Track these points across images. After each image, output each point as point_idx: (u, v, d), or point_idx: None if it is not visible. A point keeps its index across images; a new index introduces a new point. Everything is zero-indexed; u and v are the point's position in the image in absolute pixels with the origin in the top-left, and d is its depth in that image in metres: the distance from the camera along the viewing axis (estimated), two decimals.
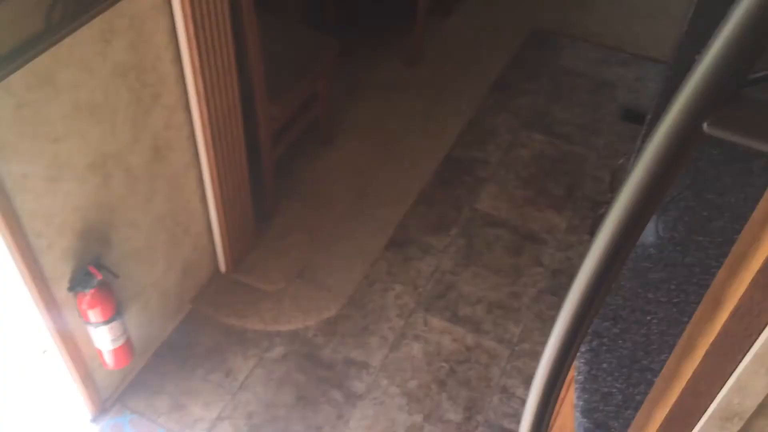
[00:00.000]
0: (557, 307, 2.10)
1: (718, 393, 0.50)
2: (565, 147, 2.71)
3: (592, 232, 1.81)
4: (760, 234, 0.45)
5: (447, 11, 3.28)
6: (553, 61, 3.09)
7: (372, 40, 3.14)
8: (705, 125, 0.43)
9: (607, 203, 1.62)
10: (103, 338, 1.73)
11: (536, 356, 2.07)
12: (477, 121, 2.81)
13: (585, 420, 1.00)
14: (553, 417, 1.20)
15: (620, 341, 1.10)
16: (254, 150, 2.19)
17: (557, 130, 2.78)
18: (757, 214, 0.46)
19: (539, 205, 2.51)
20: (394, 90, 2.92)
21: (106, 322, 1.71)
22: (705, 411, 0.52)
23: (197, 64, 1.72)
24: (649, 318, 1.12)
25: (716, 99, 0.42)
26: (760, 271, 0.44)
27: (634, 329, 1.11)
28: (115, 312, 1.73)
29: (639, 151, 0.48)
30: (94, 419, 1.93)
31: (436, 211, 2.48)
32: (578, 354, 1.10)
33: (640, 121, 2.82)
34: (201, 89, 1.77)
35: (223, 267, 2.24)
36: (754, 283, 0.45)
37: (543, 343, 0.61)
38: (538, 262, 2.33)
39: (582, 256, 1.82)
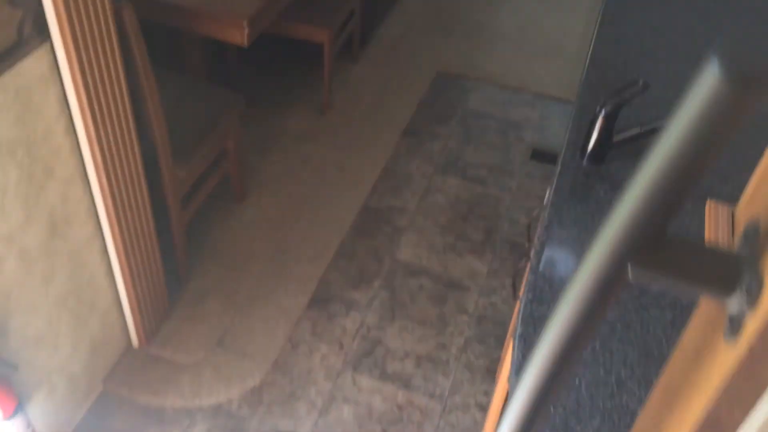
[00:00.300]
0: (485, 355, 2.08)
1: None
2: (480, 190, 2.74)
3: (514, 284, 1.81)
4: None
5: (354, 58, 3.29)
6: (460, 103, 3.14)
7: (280, 91, 3.10)
8: (629, 269, 0.41)
9: (527, 257, 1.60)
10: None
11: (468, 409, 2.05)
12: (391, 168, 2.81)
13: None
14: None
15: (552, 409, 1.08)
16: (163, 214, 2.09)
17: (470, 173, 2.81)
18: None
19: (459, 251, 2.51)
20: (306, 140, 2.88)
21: (8, 419, 1.57)
22: None
23: (92, 133, 1.62)
24: (577, 382, 1.11)
25: (640, 241, 0.40)
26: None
27: (564, 395, 1.09)
28: (17, 406, 1.58)
29: (547, 205, 0.45)
30: None
31: (357, 263, 2.44)
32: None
33: (549, 159, 2.90)
34: (99, 159, 1.67)
35: (135, 342, 2.10)
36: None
37: (474, 395, 0.57)
38: (462, 309, 2.31)
39: (505, 302, 1.81)
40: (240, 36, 2.16)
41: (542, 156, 2.90)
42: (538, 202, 2.69)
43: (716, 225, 0.74)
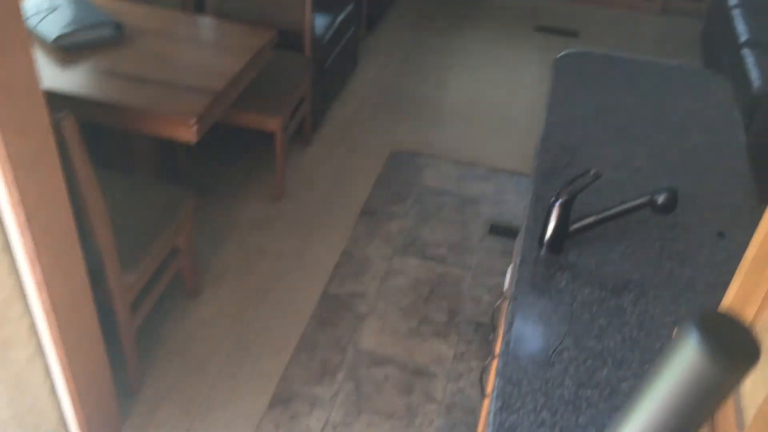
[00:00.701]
0: None
1: None
2: (440, 269, 2.70)
3: (481, 379, 1.75)
4: None
5: (306, 142, 3.27)
6: (416, 181, 3.14)
7: (233, 180, 3.05)
8: None
9: (492, 354, 1.55)
10: None
11: None
12: (350, 252, 2.76)
13: None
14: None
15: None
16: (111, 323, 1.99)
17: (430, 252, 2.78)
18: None
19: (423, 335, 2.45)
20: (261, 229, 2.82)
21: None
22: None
23: (32, 250, 1.54)
24: None
25: None
26: None
27: None
28: None
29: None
30: None
31: (319, 356, 2.35)
32: None
33: (508, 234, 2.89)
34: (39, 275, 1.58)
35: None
36: None
37: None
38: (430, 398, 2.24)
39: (473, 386, 1.73)
40: (188, 133, 2.12)
41: (501, 230, 2.90)
42: (500, 279, 2.66)
43: None
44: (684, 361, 0.32)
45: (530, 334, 1.34)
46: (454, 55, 4.14)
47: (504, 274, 2.69)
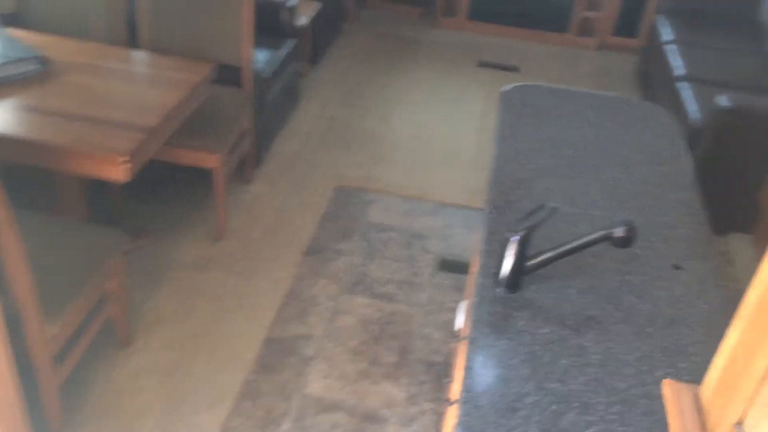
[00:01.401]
0: None
1: None
2: (389, 307, 2.61)
3: (438, 428, 1.65)
4: None
5: (248, 178, 3.16)
6: (362, 217, 3.05)
7: (170, 219, 2.90)
8: None
9: (448, 401, 1.45)
10: None
11: None
12: (295, 292, 2.64)
13: None
14: None
15: None
16: (31, 379, 1.81)
17: (378, 290, 2.68)
18: None
19: (374, 378, 2.34)
20: (200, 270, 2.68)
21: None
22: None
23: None
24: None
25: None
26: None
27: None
28: None
29: None
30: None
31: (262, 405, 2.21)
32: None
33: (458, 269, 2.83)
34: None
35: None
36: None
37: None
38: None
39: (427, 430, 1.59)
40: (119, 172, 1.99)
41: (450, 266, 2.83)
42: (450, 317, 2.58)
43: (681, 411, 0.63)
44: None
45: (490, 379, 1.26)
46: (399, 90, 4.11)
47: (454, 311, 2.61)
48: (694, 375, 1.30)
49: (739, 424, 0.49)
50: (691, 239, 1.64)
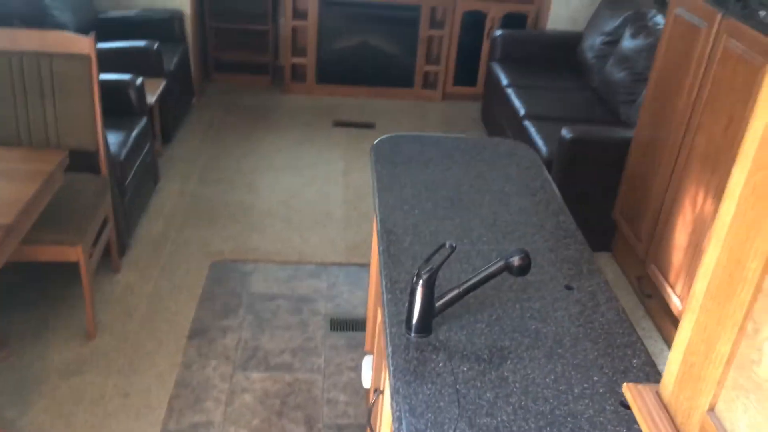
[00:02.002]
0: None
1: None
2: (288, 377, 2.52)
3: None
4: None
5: (115, 267, 2.96)
6: (244, 290, 2.95)
7: (36, 323, 2.64)
8: None
9: None
10: None
11: None
12: (184, 380, 2.48)
13: None
14: None
15: None
16: None
17: (274, 361, 2.58)
18: None
19: None
20: (76, 373, 2.45)
21: None
22: None
23: None
24: None
25: None
26: None
27: None
28: None
29: None
30: None
31: None
32: None
33: (350, 327, 2.80)
34: None
35: None
36: None
37: None
38: None
39: None
40: None
41: (342, 324, 2.80)
42: (353, 375, 2.54)
43: (648, 411, 0.65)
44: None
45: (422, 426, 1.24)
46: (259, 158, 4.08)
47: (355, 369, 2.57)
48: (608, 386, 1.36)
49: (711, 410, 0.52)
50: (575, 260, 1.74)
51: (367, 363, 2.15)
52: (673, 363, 0.60)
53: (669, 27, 2.86)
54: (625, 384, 0.72)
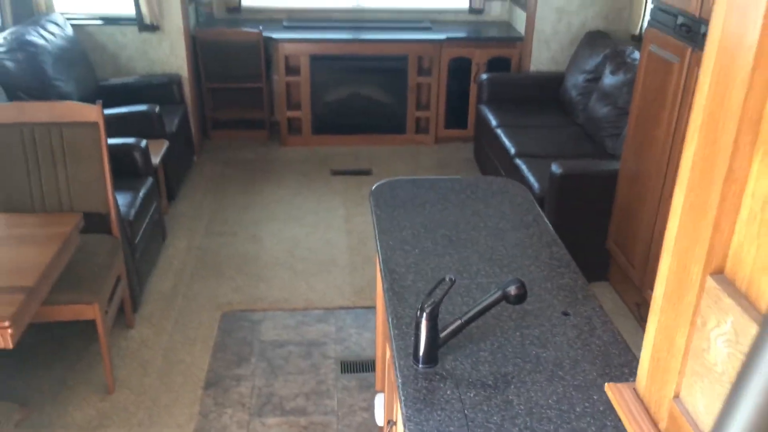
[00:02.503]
0: None
1: None
2: (303, 421, 2.59)
3: None
4: None
5: (129, 323, 3.05)
6: (255, 338, 3.04)
7: (53, 381, 2.72)
8: None
9: None
10: None
11: None
12: (203, 429, 2.54)
13: None
14: None
15: None
16: None
17: (288, 406, 2.65)
18: None
19: None
20: (95, 430, 2.52)
21: None
22: None
23: None
24: None
25: None
26: None
27: None
28: None
29: None
30: None
31: None
32: None
33: (360, 368, 2.88)
34: None
35: None
36: None
37: None
38: None
39: None
40: (3, 340, 1.88)
41: (352, 366, 2.88)
42: (366, 415, 2.61)
43: (627, 406, 0.75)
44: None
45: None
46: (261, 210, 4.21)
47: (367, 409, 2.64)
48: (608, 403, 1.45)
49: (677, 397, 0.61)
50: (570, 287, 1.84)
51: (379, 401, 2.23)
52: (644, 360, 0.70)
53: (644, 63, 3.02)
54: (606, 384, 0.82)
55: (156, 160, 3.83)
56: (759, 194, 0.54)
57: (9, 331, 1.91)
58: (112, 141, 3.12)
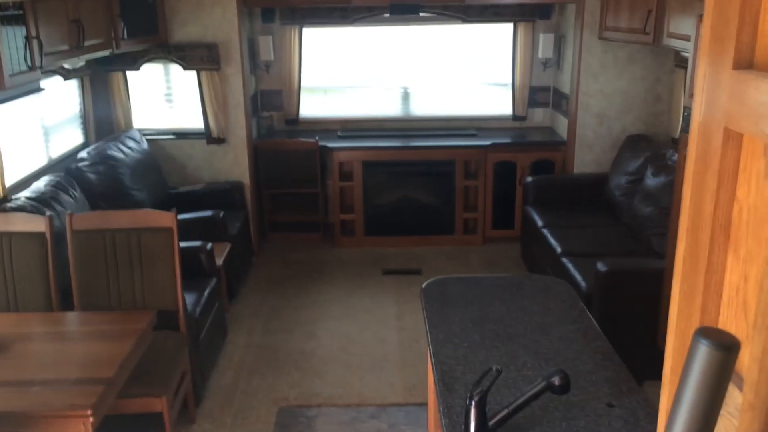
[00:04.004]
0: None
1: None
2: None
3: None
4: None
5: (191, 418, 3.19)
6: None
7: None
8: None
9: None
10: None
11: None
12: None
13: None
14: None
15: None
16: None
17: None
18: None
19: None
20: None
21: None
22: None
23: None
24: None
25: None
26: None
27: None
28: None
29: None
30: None
31: None
32: None
33: None
34: None
35: None
36: None
37: None
38: None
39: None
40: (85, 428, 2.05)
41: None
42: None
43: None
44: (699, 357, 0.49)
45: None
46: (316, 308, 4.38)
47: None
48: None
49: None
50: (615, 380, 1.92)
51: None
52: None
53: (681, 166, 3.17)
54: None
55: (219, 261, 4.09)
56: (733, 283, 0.68)
57: (90, 419, 2.08)
58: (181, 244, 3.38)
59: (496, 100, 5.70)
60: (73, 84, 4.52)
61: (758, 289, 0.60)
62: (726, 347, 0.50)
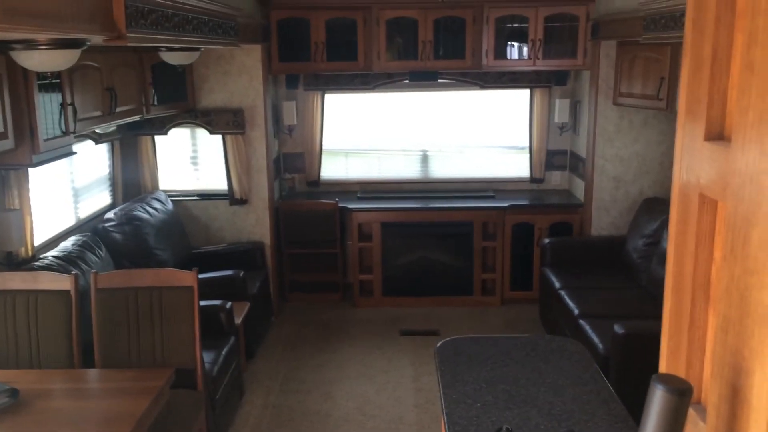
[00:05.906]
0: None
1: None
2: None
3: None
4: None
5: None
6: None
7: None
8: None
9: None
10: None
11: None
12: None
13: None
14: None
15: None
16: None
17: None
18: None
19: None
20: None
21: None
22: None
23: None
24: None
25: None
26: None
27: None
28: None
29: None
30: None
31: None
32: None
33: None
34: None
35: None
36: None
37: None
38: None
39: None
40: None
41: None
42: None
43: None
44: (656, 400, 0.54)
45: None
46: (333, 369, 4.39)
47: None
48: None
49: None
50: None
51: None
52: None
53: None
54: None
55: (238, 320, 4.14)
56: (712, 338, 0.72)
57: None
58: (201, 303, 3.45)
59: (513, 163, 5.80)
60: (104, 147, 4.70)
61: (714, 341, 0.64)
62: (680, 392, 0.54)
